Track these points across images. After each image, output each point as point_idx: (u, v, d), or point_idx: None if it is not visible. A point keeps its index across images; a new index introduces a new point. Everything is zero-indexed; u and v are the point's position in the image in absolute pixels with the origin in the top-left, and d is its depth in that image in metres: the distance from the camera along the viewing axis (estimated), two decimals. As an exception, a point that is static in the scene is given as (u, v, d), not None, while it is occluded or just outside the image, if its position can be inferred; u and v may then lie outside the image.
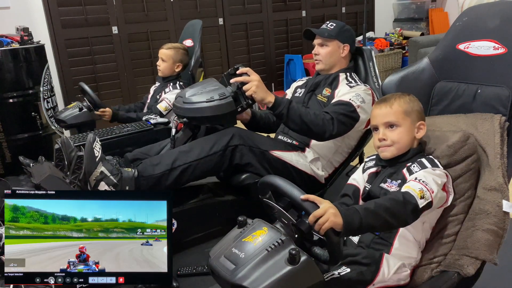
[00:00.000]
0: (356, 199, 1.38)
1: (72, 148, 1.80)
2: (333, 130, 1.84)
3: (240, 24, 4.80)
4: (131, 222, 1.24)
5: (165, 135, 2.37)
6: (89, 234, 1.23)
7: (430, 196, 1.13)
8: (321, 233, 0.99)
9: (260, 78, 1.80)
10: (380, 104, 1.32)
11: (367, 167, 1.41)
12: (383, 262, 1.20)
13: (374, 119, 1.32)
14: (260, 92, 1.77)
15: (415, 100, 1.32)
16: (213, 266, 1.06)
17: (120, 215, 1.25)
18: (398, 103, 1.29)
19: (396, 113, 1.28)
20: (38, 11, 3.71)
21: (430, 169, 1.21)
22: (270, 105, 1.79)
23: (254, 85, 1.76)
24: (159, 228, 1.25)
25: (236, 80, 1.79)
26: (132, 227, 1.24)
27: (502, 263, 1.29)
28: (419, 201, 1.10)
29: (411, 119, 1.28)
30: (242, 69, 1.80)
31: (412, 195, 1.11)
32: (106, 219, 1.24)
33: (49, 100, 3.09)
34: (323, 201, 1.01)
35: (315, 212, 0.98)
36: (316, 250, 1.09)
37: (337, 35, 2.06)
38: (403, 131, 1.28)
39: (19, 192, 1.23)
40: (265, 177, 1.13)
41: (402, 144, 1.28)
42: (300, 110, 1.80)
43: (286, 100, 1.81)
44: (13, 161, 2.87)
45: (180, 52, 2.75)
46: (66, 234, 1.23)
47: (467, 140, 1.28)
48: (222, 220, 2.11)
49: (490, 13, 1.33)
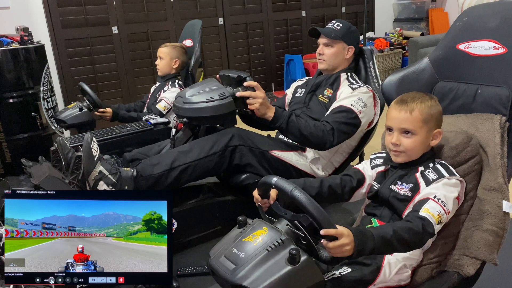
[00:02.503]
0: (358, 186, 1.36)
1: (69, 149, 1.80)
2: (334, 141, 1.84)
3: (240, 24, 4.80)
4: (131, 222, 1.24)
5: (165, 135, 2.37)
6: (89, 234, 1.23)
7: (446, 219, 1.14)
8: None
9: (265, 94, 1.82)
10: (401, 106, 1.23)
11: (375, 164, 1.37)
12: (384, 262, 1.19)
13: (390, 121, 1.25)
14: (263, 109, 1.79)
15: (437, 105, 1.25)
16: (213, 266, 1.06)
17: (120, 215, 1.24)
18: (419, 109, 1.21)
19: (415, 121, 1.21)
20: (38, 11, 3.71)
21: (446, 178, 1.19)
22: (270, 119, 1.80)
23: (258, 103, 1.77)
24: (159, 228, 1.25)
25: (242, 95, 1.79)
26: (132, 227, 1.24)
27: (502, 263, 1.29)
28: (435, 226, 1.10)
29: (429, 128, 1.23)
30: (250, 83, 1.79)
31: (431, 223, 1.09)
32: (106, 219, 1.24)
33: (49, 100, 3.09)
34: (345, 235, 0.99)
35: (329, 235, 0.98)
36: (320, 250, 1.08)
37: (343, 36, 2.05)
38: (418, 140, 1.22)
39: (19, 192, 1.23)
40: (293, 191, 1.03)
41: (415, 152, 1.24)
42: (299, 124, 1.81)
43: (286, 113, 1.82)
44: (13, 161, 2.88)
45: (176, 48, 2.77)
46: (66, 234, 1.23)
47: (470, 142, 1.27)
48: (222, 220, 2.11)
49: (490, 13, 1.33)
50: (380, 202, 1.31)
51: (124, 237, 1.25)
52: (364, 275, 1.16)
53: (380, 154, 1.40)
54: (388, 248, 1.06)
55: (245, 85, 1.80)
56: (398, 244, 1.06)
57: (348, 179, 1.36)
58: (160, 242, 1.25)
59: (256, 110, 1.78)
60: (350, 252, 1.00)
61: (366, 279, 1.17)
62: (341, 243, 0.99)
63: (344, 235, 0.99)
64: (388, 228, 1.07)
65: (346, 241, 0.99)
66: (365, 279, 1.16)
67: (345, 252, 1.00)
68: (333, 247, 0.98)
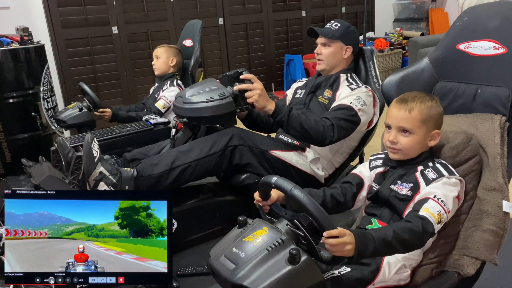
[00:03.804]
0: (358, 190, 1.36)
1: (69, 149, 1.80)
2: (334, 137, 1.84)
3: (240, 24, 4.80)
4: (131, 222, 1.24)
5: (165, 135, 2.37)
6: (89, 234, 1.23)
7: (446, 218, 1.14)
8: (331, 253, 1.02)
9: (263, 85, 1.81)
10: (400, 104, 1.24)
11: (374, 166, 1.38)
12: (384, 262, 1.19)
13: (389, 119, 1.27)
14: (262, 101, 1.77)
15: (437, 106, 1.25)
16: (213, 266, 1.06)
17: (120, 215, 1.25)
18: (419, 109, 1.21)
19: (414, 120, 1.22)
20: (38, 11, 3.71)
21: (446, 177, 1.19)
22: (271, 113, 1.79)
23: (257, 94, 1.76)
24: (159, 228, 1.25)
25: (240, 88, 1.79)
26: (132, 227, 1.24)
27: (502, 263, 1.29)
28: (435, 226, 1.10)
29: (427, 128, 1.23)
30: (246, 75, 1.79)
31: (431, 222, 1.10)
32: (106, 219, 1.24)
33: (49, 100, 3.09)
34: (346, 234, 1.00)
35: (332, 236, 0.99)
36: (321, 251, 1.08)
37: (340, 36, 2.05)
38: (415, 139, 1.23)
39: (19, 192, 1.23)
40: (292, 190, 1.03)
41: (412, 151, 1.25)
42: (300, 117, 1.80)
43: (287, 107, 1.81)
44: (13, 161, 2.88)
45: (172, 48, 2.81)
46: (66, 234, 1.23)
47: (470, 142, 1.27)
48: (222, 220, 2.11)
49: (490, 13, 1.33)
50: (380, 202, 1.31)
51: (124, 237, 1.25)
52: (363, 275, 1.16)
53: (379, 155, 1.40)
54: (389, 249, 1.07)
55: (241, 78, 1.80)
56: (398, 245, 1.06)
57: (348, 186, 1.36)
58: (160, 242, 1.25)
59: (255, 102, 1.77)
60: (351, 251, 1.00)
61: (366, 278, 1.17)
62: (343, 241, 0.99)
63: (346, 234, 1.00)
64: (388, 229, 1.07)
65: (348, 239, 1.00)
66: (364, 279, 1.16)
67: (345, 251, 1.00)
68: (336, 244, 0.99)
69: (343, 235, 0.99)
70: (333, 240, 0.99)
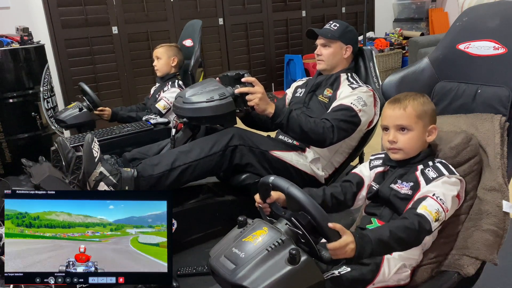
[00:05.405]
0: (358, 189, 1.36)
1: (69, 149, 1.80)
2: (333, 138, 1.84)
3: (240, 24, 4.80)
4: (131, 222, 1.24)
5: (165, 135, 2.37)
6: (89, 234, 1.23)
7: (444, 217, 1.14)
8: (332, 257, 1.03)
9: (264, 89, 1.81)
10: (394, 104, 1.27)
11: (374, 165, 1.38)
12: (384, 262, 1.19)
13: (386, 120, 1.28)
14: (262, 105, 1.77)
15: (429, 102, 1.28)
16: (213, 266, 1.06)
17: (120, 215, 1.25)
18: (412, 105, 1.24)
19: (410, 116, 1.24)
20: (38, 11, 3.71)
21: (446, 177, 1.19)
22: (271, 116, 1.79)
23: (258, 98, 1.76)
24: (159, 228, 1.25)
25: (241, 91, 1.79)
26: (132, 227, 1.24)
27: (502, 263, 1.29)
28: (433, 224, 1.10)
29: (424, 123, 1.25)
30: (248, 79, 1.79)
31: (428, 220, 1.10)
32: (106, 219, 1.24)
33: (49, 100, 3.09)
34: (346, 233, 1.01)
35: (336, 244, 0.99)
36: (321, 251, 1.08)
37: (340, 36, 2.05)
38: (414, 136, 1.24)
39: (19, 192, 1.23)
40: (289, 188, 1.04)
41: (412, 149, 1.26)
42: (299, 120, 1.80)
43: (286, 110, 1.81)
44: (13, 161, 2.88)
45: (172, 47, 2.79)
46: (66, 234, 1.23)
47: (470, 142, 1.27)
48: (222, 220, 2.11)
49: (490, 13, 1.33)
50: (380, 201, 1.31)
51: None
52: (363, 275, 1.16)
53: (379, 155, 1.40)
54: (386, 249, 1.07)
55: (243, 81, 1.80)
56: (395, 244, 1.06)
57: (348, 185, 1.37)
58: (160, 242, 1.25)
59: (256, 105, 1.77)
60: (352, 252, 1.00)
61: (365, 278, 1.17)
62: (345, 243, 0.99)
63: (346, 233, 1.00)
64: (384, 229, 1.07)
65: (349, 239, 1.00)
66: (364, 278, 1.17)
67: (347, 252, 1.00)
68: (339, 247, 0.99)
69: (343, 234, 1.00)
70: (335, 244, 0.99)
